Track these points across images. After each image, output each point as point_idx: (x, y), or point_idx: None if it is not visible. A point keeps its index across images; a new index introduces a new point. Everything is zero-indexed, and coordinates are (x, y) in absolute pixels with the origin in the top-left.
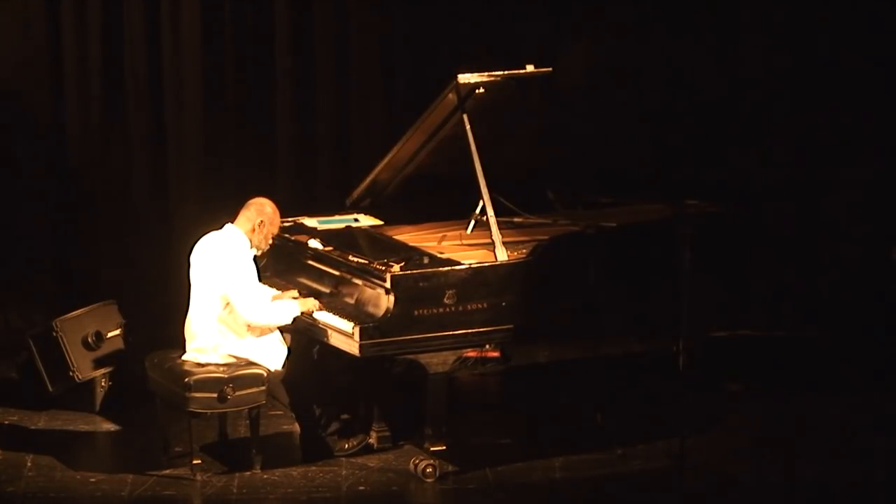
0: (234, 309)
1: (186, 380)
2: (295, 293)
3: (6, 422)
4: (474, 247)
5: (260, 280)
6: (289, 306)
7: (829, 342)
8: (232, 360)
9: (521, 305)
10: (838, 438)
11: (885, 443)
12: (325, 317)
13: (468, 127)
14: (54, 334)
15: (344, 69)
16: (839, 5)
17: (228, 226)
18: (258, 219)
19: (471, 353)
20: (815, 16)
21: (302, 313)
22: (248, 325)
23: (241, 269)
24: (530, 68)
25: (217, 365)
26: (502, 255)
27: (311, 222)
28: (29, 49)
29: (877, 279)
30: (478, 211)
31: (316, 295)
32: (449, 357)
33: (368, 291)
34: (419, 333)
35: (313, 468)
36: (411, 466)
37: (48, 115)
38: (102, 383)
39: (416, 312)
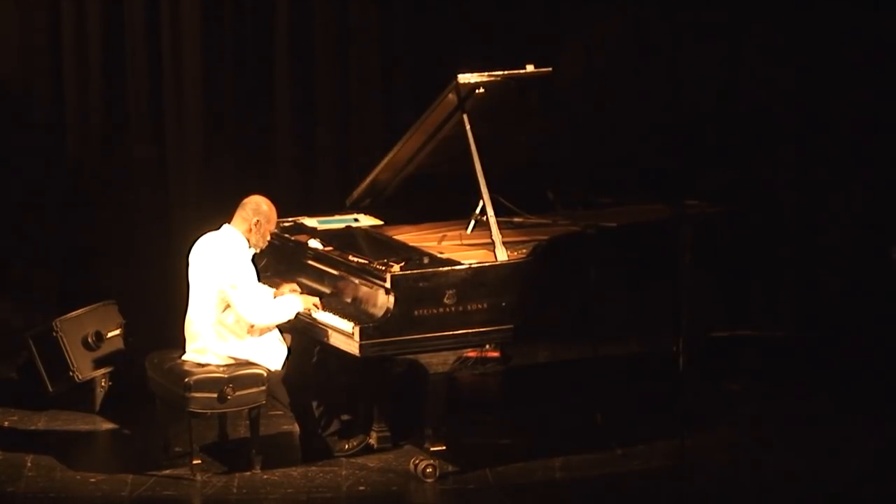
0: (235, 311)
1: (186, 380)
2: (294, 286)
3: (6, 422)
4: (474, 247)
5: (259, 280)
6: (290, 302)
7: (829, 342)
8: (232, 360)
9: (521, 305)
10: (838, 438)
11: (885, 443)
12: (325, 317)
13: (468, 127)
14: (54, 334)
15: (344, 69)
16: (840, 6)
17: (226, 226)
18: (254, 218)
19: (471, 353)
20: (815, 16)
21: (303, 310)
22: (251, 327)
23: (241, 270)
24: (530, 68)
25: (217, 365)
26: (502, 255)
27: (311, 222)
28: (29, 49)
29: (877, 279)
30: (478, 211)
31: (316, 295)
32: (449, 357)
33: (368, 291)
34: (419, 333)
35: (313, 468)
36: (411, 466)
37: (48, 115)
38: (102, 383)
39: (416, 312)
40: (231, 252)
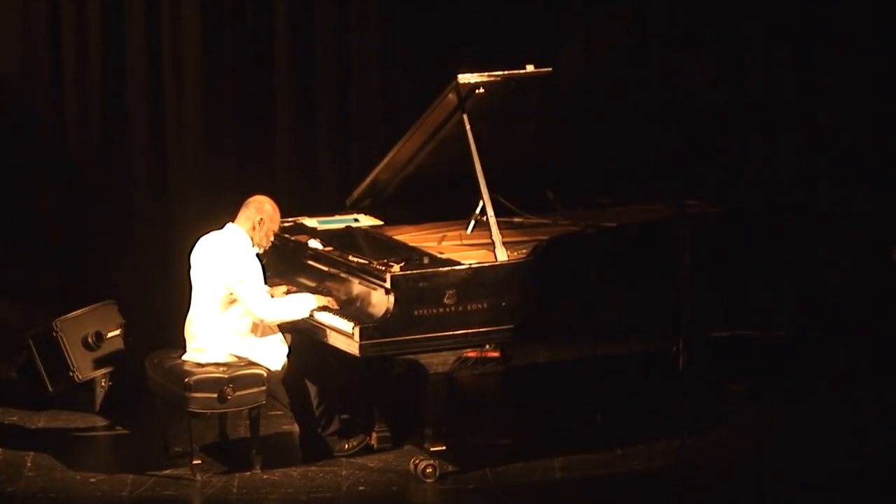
0: (243, 306)
1: (186, 380)
2: (285, 288)
3: (6, 422)
4: (474, 247)
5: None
6: (304, 299)
7: (829, 342)
8: (232, 360)
9: (521, 305)
10: (838, 438)
11: (885, 442)
12: (325, 317)
13: (468, 127)
14: (54, 334)
15: (344, 69)
16: (840, 5)
17: (229, 225)
18: (258, 216)
19: (471, 353)
20: (816, 15)
21: (317, 308)
22: (255, 324)
23: (247, 266)
24: (530, 68)
25: (217, 365)
26: (502, 255)
27: (311, 222)
28: (29, 48)
29: (877, 279)
30: (478, 211)
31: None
32: (449, 357)
33: (368, 291)
34: (419, 333)
35: (313, 468)
36: (411, 466)
37: (48, 115)
38: (102, 383)
39: (416, 312)
40: (236, 249)
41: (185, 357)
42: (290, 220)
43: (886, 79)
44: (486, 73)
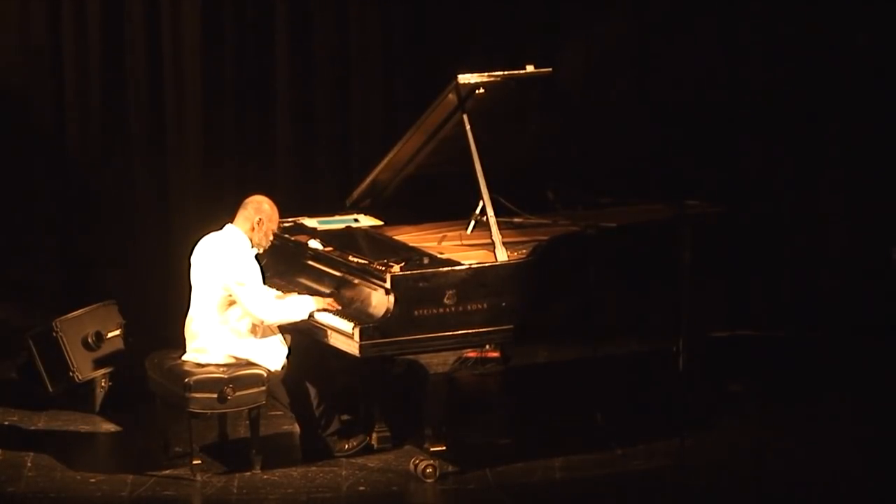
0: (243, 308)
1: (186, 380)
2: (294, 293)
3: (6, 422)
4: (474, 247)
5: (264, 282)
6: (303, 302)
7: (829, 342)
8: (232, 360)
9: (521, 306)
10: (838, 438)
11: (885, 442)
12: (325, 317)
13: (468, 127)
14: (54, 334)
15: (344, 69)
16: (841, 5)
17: (228, 226)
18: (256, 217)
19: (471, 353)
20: (816, 15)
21: (318, 310)
22: (255, 325)
23: (246, 268)
24: (530, 68)
25: (217, 365)
26: (502, 255)
27: (311, 222)
28: (29, 49)
29: (877, 279)
30: (478, 211)
31: (316, 296)
32: (449, 357)
33: (368, 292)
34: (419, 334)
35: (313, 468)
36: (411, 467)
37: (48, 115)
38: (102, 383)
39: (416, 313)
40: (235, 250)
41: (184, 357)
42: (290, 220)
43: (886, 79)
44: (486, 74)
